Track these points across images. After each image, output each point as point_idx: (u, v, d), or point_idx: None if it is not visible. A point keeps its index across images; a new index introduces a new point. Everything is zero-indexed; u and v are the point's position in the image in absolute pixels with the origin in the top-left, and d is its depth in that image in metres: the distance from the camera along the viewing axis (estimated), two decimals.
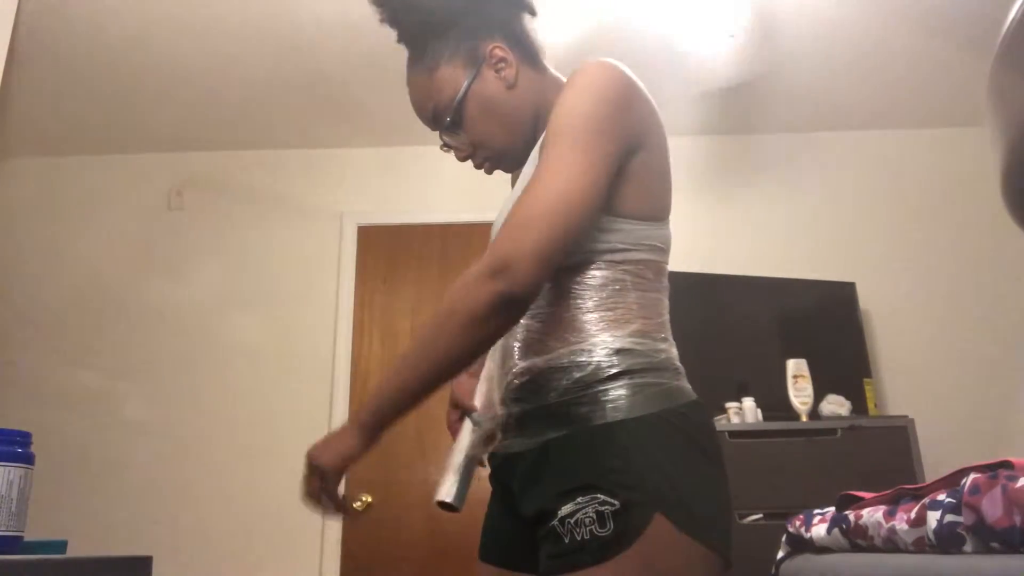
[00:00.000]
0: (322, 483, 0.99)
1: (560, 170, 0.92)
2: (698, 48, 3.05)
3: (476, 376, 1.17)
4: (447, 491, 1.06)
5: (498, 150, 1.13)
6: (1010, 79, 0.56)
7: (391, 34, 1.15)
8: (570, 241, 0.92)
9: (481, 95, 1.09)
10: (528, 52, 1.14)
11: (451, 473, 1.08)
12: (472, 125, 1.11)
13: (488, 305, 0.89)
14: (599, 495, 0.89)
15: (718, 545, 0.91)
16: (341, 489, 1.01)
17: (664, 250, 1.05)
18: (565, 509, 0.90)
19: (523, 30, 1.15)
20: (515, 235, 0.90)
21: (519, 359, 1.02)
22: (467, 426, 1.12)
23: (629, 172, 0.99)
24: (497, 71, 1.10)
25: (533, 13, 1.17)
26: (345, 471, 0.99)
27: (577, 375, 0.96)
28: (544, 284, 0.93)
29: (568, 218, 0.91)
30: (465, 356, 0.94)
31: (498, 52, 1.10)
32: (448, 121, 1.11)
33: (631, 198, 0.99)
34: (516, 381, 1.03)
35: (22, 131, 3.62)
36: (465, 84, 1.09)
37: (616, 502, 0.88)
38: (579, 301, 0.98)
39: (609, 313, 0.98)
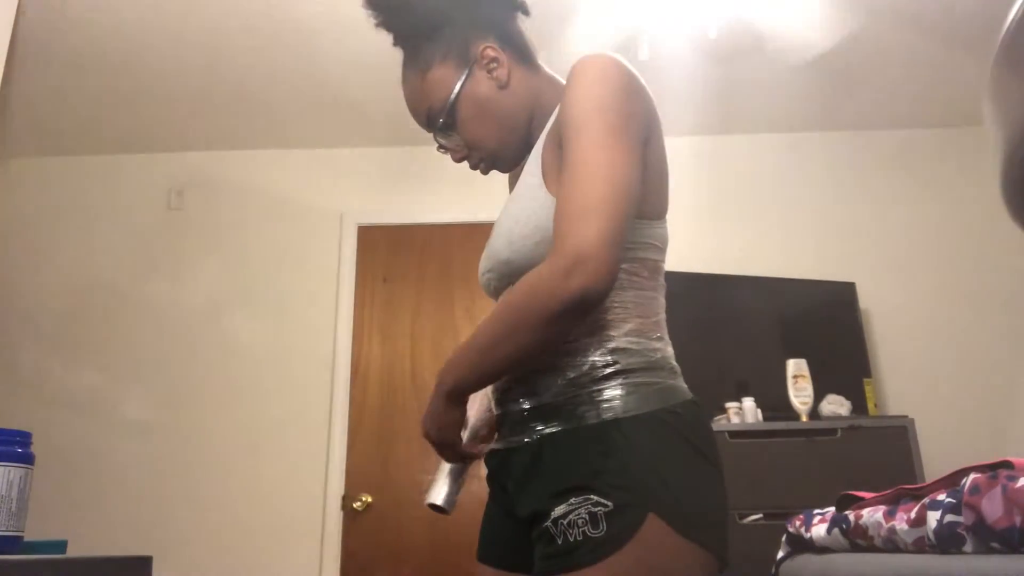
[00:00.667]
0: (451, 451, 1.05)
1: (603, 157, 0.91)
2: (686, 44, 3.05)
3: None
4: (437, 494, 1.08)
5: (492, 151, 1.13)
6: (1010, 79, 0.56)
7: (390, 35, 1.15)
8: (630, 225, 0.91)
9: (473, 96, 1.09)
10: (521, 52, 1.13)
11: (442, 476, 1.10)
12: (465, 126, 1.11)
13: (565, 305, 0.87)
14: (592, 496, 0.88)
15: (713, 545, 0.90)
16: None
17: (661, 248, 1.04)
18: (558, 510, 0.90)
19: (516, 30, 1.14)
20: (579, 228, 0.87)
21: None
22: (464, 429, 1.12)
23: None
24: (489, 71, 1.10)
25: (526, 12, 1.17)
26: (459, 434, 1.04)
27: (572, 375, 0.96)
28: (618, 272, 0.89)
29: (626, 202, 0.89)
30: (537, 353, 0.94)
31: (489, 52, 1.10)
32: (441, 123, 1.11)
33: None
34: (512, 381, 1.03)
35: (22, 131, 3.62)
36: (457, 85, 1.09)
37: (609, 503, 0.87)
38: None
39: (604, 312, 0.97)
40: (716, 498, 0.94)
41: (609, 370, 0.95)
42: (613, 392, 0.94)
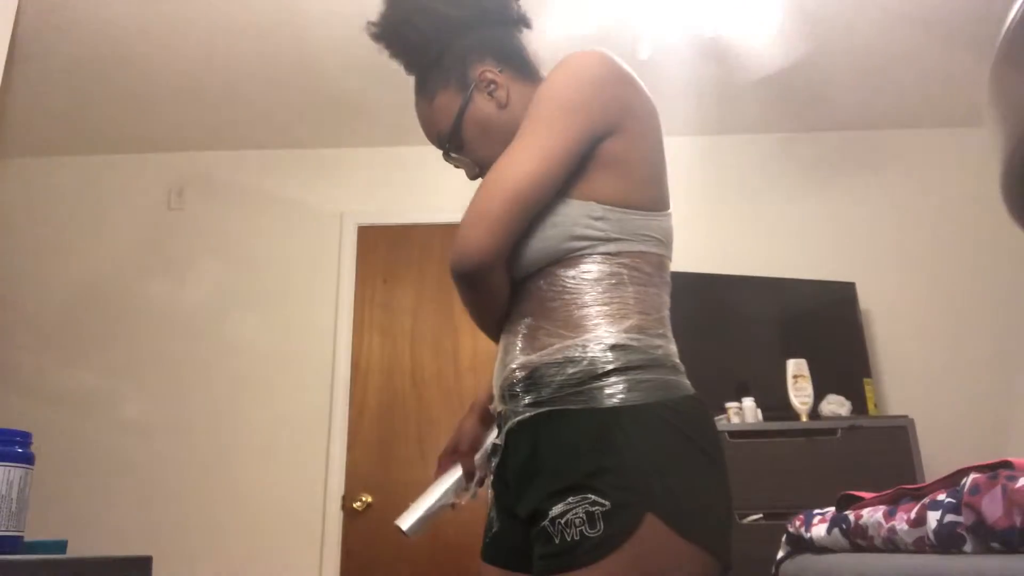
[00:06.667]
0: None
1: (517, 149, 0.99)
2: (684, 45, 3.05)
3: (483, 419, 1.21)
4: (408, 519, 1.12)
5: None
6: (1010, 79, 0.56)
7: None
8: (518, 210, 0.97)
9: (475, 119, 1.13)
10: (521, 68, 1.16)
11: (420, 506, 1.13)
12: (472, 148, 1.15)
13: (452, 272, 0.99)
14: (590, 495, 0.88)
15: (714, 546, 0.89)
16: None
17: (663, 242, 1.04)
18: (556, 509, 0.90)
19: (515, 46, 1.17)
20: (472, 205, 0.99)
21: (518, 354, 1.02)
22: (454, 473, 1.16)
23: (605, 156, 1.00)
24: (489, 94, 1.13)
25: (527, 26, 1.19)
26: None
27: (572, 371, 0.96)
28: (492, 252, 0.96)
29: (514, 189, 0.96)
30: (487, 312, 1.07)
31: (488, 76, 1.13)
32: (449, 146, 1.16)
33: (611, 184, 1.00)
34: (513, 377, 1.03)
35: (22, 131, 3.62)
36: (457, 111, 1.12)
37: (607, 503, 0.87)
38: (575, 296, 0.98)
39: (605, 308, 0.97)
40: (718, 497, 0.93)
41: (609, 367, 0.95)
42: (613, 389, 0.94)
